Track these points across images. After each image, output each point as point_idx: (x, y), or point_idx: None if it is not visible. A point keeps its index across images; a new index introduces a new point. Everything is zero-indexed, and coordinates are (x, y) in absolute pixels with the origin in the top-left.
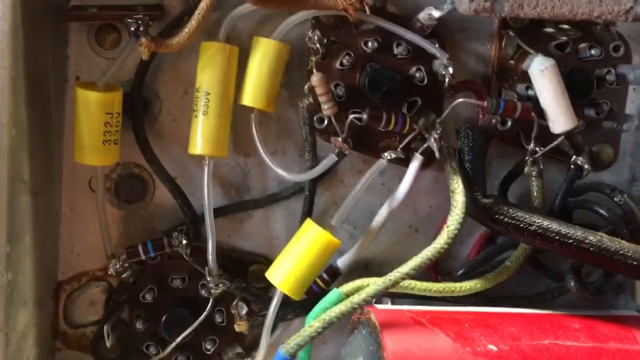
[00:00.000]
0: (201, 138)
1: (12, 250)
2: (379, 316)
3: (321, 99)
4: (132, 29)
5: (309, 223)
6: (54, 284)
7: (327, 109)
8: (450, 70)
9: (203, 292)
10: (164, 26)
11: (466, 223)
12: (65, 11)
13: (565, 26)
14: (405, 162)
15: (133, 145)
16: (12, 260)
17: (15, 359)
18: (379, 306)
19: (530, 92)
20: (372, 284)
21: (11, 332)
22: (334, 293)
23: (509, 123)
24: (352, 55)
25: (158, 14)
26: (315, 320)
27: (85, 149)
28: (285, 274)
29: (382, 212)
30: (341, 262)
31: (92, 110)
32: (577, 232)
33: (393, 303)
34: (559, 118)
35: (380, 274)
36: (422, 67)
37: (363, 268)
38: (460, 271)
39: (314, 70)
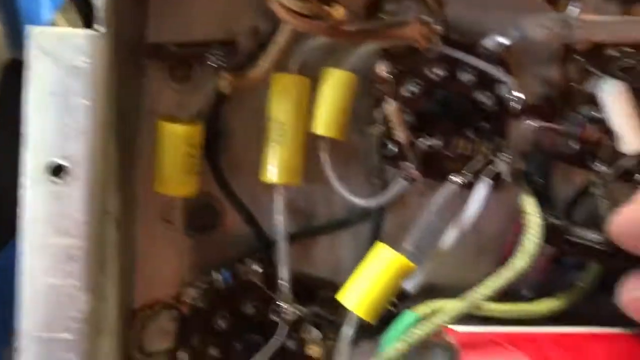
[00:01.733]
0: (275, 166)
1: (101, 281)
2: (457, 337)
3: (396, 127)
4: (214, 65)
5: (381, 246)
6: (130, 312)
7: (402, 137)
8: (521, 95)
9: (276, 318)
10: (237, 61)
11: None
12: (146, 48)
13: (628, 49)
14: (467, 186)
15: (205, 175)
16: (100, 290)
17: None
18: (453, 327)
19: (594, 113)
20: (452, 305)
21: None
22: (409, 315)
23: (577, 146)
24: (420, 82)
25: (232, 49)
26: (398, 343)
27: (168, 179)
28: (359, 297)
29: (451, 235)
30: (409, 286)
31: (175, 141)
32: None
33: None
34: (630, 140)
35: (445, 296)
36: (488, 92)
37: (427, 291)
38: (526, 292)
39: (389, 99)
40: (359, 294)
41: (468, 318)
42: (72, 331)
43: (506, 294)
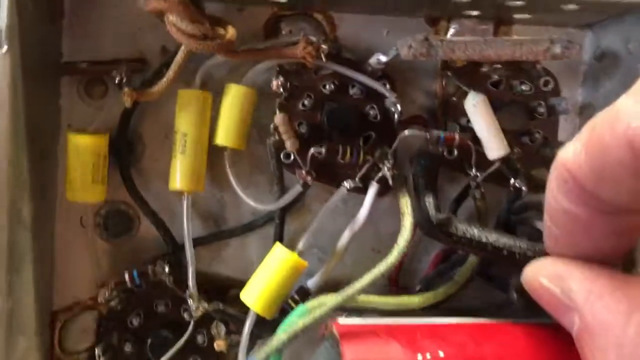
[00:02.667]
0: (180, 175)
1: (12, 281)
2: (340, 329)
3: (284, 136)
4: (117, 80)
5: (277, 246)
6: (50, 314)
7: (289, 145)
8: (399, 107)
9: (185, 315)
10: (145, 77)
11: (424, 242)
12: (58, 66)
13: (499, 66)
14: (365, 191)
15: (119, 185)
16: (12, 291)
17: None
18: (342, 320)
19: (470, 124)
20: (332, 298)
21: (10, 356)
22: (300, 308)
23: (455, 152)
24: (313, 96)
25: (139, 66)
26: (282, 333)
27: (76, 188)
28: (257, 294)
29: (345, 236)
30: (311, 283)
31: (82, 152)
32: (522, 243)
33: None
34: (492, 146)
35: None
36: (375, 106)
37: (333, 289)
38: (418, 287)
39: (277, 111)
40: (257, 291)
41: (367, 311)
42: None
43: (407, 289)
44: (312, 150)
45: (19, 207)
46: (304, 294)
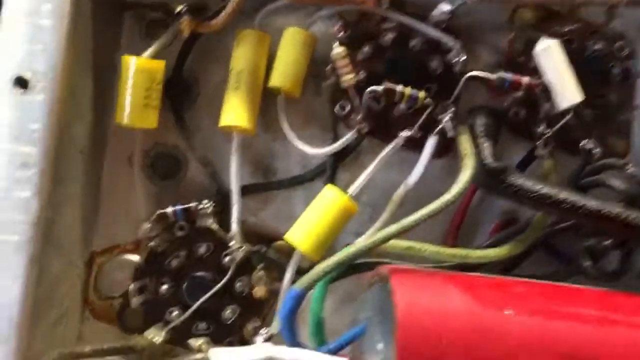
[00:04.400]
0: (231, 110)
1: (55, 192)
2: (393, 271)
3: (341, 71)
4: (176, 11)
5: (329, 187)
6: (89, 252)
7: (346, 80)
8: (464, 56)
9: (226, 260)
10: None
11: (485, 208)
12: (122, 2)
13: (572, 26)
14: (422, 147)
15: (171, 128)
16: (54, 202)
17: (46, 301)
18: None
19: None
20: (382, 232)
21: (44, 270)
22: (345, 250)
23: (523, 113)
24: (373, 46)
25: (202, 4)
26: (328, 260)
27: (126, 111)
28: (303, 234)
29: (399, 192)
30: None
31: (136, 74)
32: (594, 202)
33: None
34: (565, 92)
35: None
36: (436, 58)
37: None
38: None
39: (337, 45)
40: (303, 231)
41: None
42: (20, 233)
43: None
44: (368, 91)
45: (73, 129)
46: None
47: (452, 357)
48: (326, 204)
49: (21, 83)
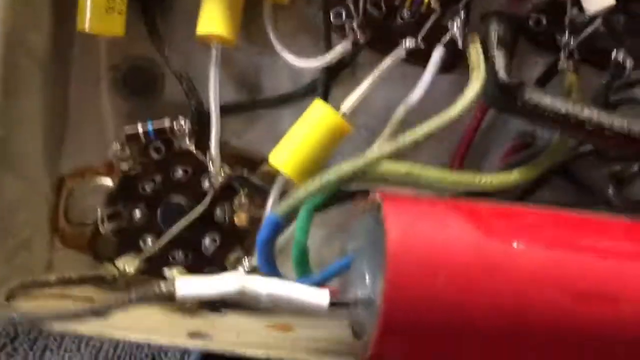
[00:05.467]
0: (209, 16)
1: (7, 106)
2: (386, 197)
3: None
4: None
5: (317, 102)
6: (57, 176)
7: None
8: None
9: (206, 184)
10: None
11: (499, 131)
12: None
13: None
14: (427, 62)
15: (144, 38)
16: (7, 117)
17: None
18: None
19: None
20: (375, 150)
21: None
22: (329, 171)
23: (544, 22)
24: None
25: None
26: (308, 183)
27: (87, 15)
28: (288, 154)
29: (400, 110)
30: None
31: None
32: (620, 120)
33: None
34: None
35: None
36: None
37: None
38: None
39: None
40: (288, 151)
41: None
42: None
43: None
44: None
45: (28, 38)
46: None
47: (450, 295)
48: (314, 122)
49: None
